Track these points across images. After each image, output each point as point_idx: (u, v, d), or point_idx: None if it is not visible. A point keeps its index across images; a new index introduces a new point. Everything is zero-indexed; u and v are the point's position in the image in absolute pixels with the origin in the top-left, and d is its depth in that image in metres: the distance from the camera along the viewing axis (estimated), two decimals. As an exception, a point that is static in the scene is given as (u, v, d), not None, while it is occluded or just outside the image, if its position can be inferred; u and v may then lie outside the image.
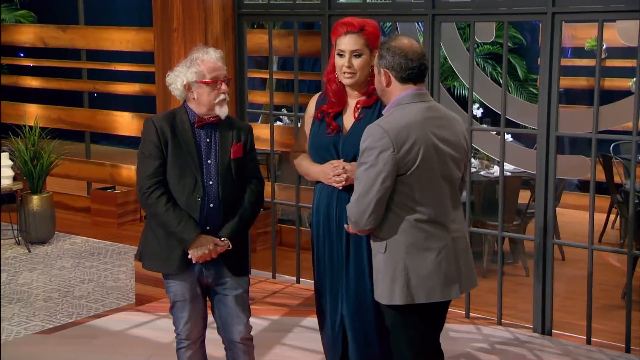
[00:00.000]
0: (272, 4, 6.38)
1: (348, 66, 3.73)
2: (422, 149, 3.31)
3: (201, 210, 3.78)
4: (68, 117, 9.33)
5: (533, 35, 11.36)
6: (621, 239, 7.74)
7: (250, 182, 3.90)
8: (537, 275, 5.39)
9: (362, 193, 3.31)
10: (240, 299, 3.90)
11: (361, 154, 3.35)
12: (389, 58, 3.38)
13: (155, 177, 3.77)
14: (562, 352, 5.12)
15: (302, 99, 6.34)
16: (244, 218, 3.84)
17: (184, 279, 3.85)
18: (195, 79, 3.77)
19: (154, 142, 3.78)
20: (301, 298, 6.03)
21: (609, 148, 8.57)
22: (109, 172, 9.15)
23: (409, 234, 3.35)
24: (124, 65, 9.54)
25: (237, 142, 3.84)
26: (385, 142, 3.26)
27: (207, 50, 3.83)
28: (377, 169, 3.27)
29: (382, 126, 3.30)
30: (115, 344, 5.27)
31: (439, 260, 3.37)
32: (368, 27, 3.74)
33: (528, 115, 6.21)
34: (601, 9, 4.99)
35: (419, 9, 5.60)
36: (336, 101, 3.85)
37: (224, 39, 6.26)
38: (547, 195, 5.27)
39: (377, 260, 3.44)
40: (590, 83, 9.82)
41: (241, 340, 3.94)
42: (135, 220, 8.91)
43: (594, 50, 9.91)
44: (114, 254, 7.70)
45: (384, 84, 3.44)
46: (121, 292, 6.63)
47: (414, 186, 3.33)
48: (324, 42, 5.97)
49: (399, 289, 3.34)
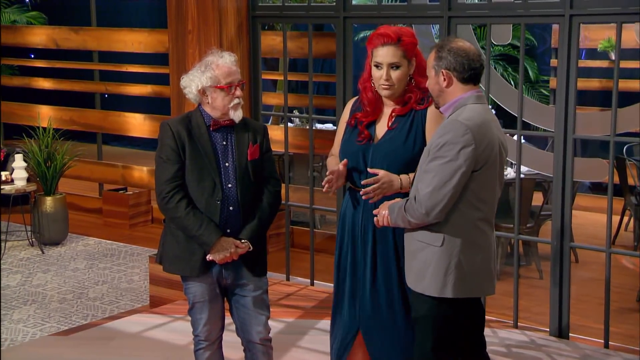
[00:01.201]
0: (287, 6, 6.38)
1: (386, 79, 3.69)
2: (493, 148, 3.40)
3: (221, 213, 3.78)
4: (80, 119, 9.35)
5: (543, 37, 11.34)
6: (635, 241, 7.72)
7: (267, 183, 3.91)
8: (553, 278, 5.38)
9: (437, 186, 3.33)
10: (259, 299, 3.91)
11: (437, 147, 3.34)
12: (451, 59, 3.40)
13: (174, 181, 3.78)
14: (580, 356, 5.10)
15: (315, 100, 6.34)
16: (262, 219, 3.86)
17: (204, 281, 3.87)
18: (210, 83, 3.77)
19: (171, 146, 3.78)
20: (316, 300, 6.03)
21: (621, 150, 8.55)
22: (121, 173, 9.16)
23: (468, 231, 3.42)
24: (136, 66, 9.54)
25: (254, 143, 3.86)
26: (467, 139, 3.31)
27: (222, 54, 3.82)
28: (456, 164, 3.31)
29: (464, 122, 3.33)
30: (131, 346, 5.28)
31: (487, 258, 3.49)
32: (405, 37, 3.69)
33: (542, 116, 6.19)
34: (619, 11, 4.98)
35: (435, 11, 5.60)
36: (371, 110, 3.82)
37: (238, 41, 6.26)
38: (564, 198, 5.26)
39: (427, 252, 3.45)
40: (603, 84, 9.80)
41: (260, 341, 3.94)
42: (147, 221, 8.92)
43: (606, 51, 9.89)
44: (127, 256, 7.70)
45: (443, 85, 3.45)
46: (135, 293, 6.63)
47: (480, 184, 3.40)
48: (339, 43, 5.96)
49: (451, 282, 3.41)
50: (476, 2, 5.56)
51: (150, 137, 8.99)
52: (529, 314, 5.91)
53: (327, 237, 7.54)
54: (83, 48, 9.42)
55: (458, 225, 3.41)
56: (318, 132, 7.74)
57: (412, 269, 3.53)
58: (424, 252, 3.46)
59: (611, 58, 10.05)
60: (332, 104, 9.29)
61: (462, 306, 3.49)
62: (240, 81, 3.81)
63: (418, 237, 3.48)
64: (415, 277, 3.50)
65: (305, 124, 9.48)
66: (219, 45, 6.11)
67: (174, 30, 6.34)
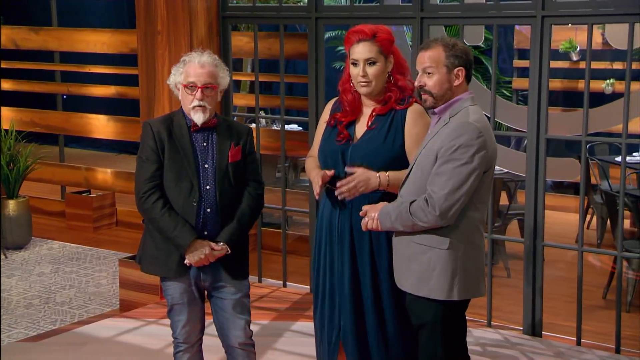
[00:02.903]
0: (258, 6, 6.34)
1: (362, 75, 3.67)
2: (496, 151, 3.45)
3: (197, 214, 3.74)
4: (41, 120, 9.19)
5: (504, 37, 11.44)
6: (598, 239, 7.83)
7: (249, 186, 3.86)
8: (526, 277, 5.42)
9: (453, 189, 3.31)
10: (239, 303, 3.86)
11: (451, 150, 3.32)
12: (465, 57, 3.43)
13: (151, 181, 3.74)
14: (554, 353, 5.15)
15: (275, 101, 6.34)
16: (242, 222, 3.79)
17: (182, 282, 3.82)
18: (180, 80, 3.76)
19: (150, 146, 3.75)
20: (289, 302, 6.01)
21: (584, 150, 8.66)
22: (84, 175, 9.03)
23: (470, 232, 3.43)
24: (99, 67, 9.41)
25: (236, 145, 3.81)
26: (481, 142, 3.32)
27: (204, 53, 3.77)
28: (471, 167, 3.31)
29: (476, 125, 3.33)
30: (105, 351, 5.20)
31: (482, 258, 3.52)
32: (381, 33, 3.68)
33: (512, 116, 6.25)
34: (590, 13, 5.04)
35: (407, 12, 5.61)
36: (350, 111, 3.80)
37: (208, 41, 6.21)
38: (537, 197, 5.30)
39: (431, 255, 3.42)
40: (564, 85, 9.94)
41: (239, 345, 3.90)
42: (111, 224, 8.80)
43: (567, 52, 10.03)
44: (93, 259, 7.59)
45: (454, 83, 3.44)
46: (104, 297, 6.53)
47: (484, 186, 3.42)
48: (311, 44, 5.95)
49: (457, 285, 3.40)
50: (449, 3, 5.57)
51: (114, 138, 8.88)
52: (500, 312, 5.95)
53: (297, 239, 7.52)
54: (44, 48, 9.26)
55: (463, 227, 3.41)
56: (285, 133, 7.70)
57: (411, 273, 3.48)
58: (427, 255, 3.43)
59: (572, 59, 10.20)
60: (296, 105, 9.30)
61: (463, 308, 3.51)
62: (206, 84, 3.70)
63: (419, 240, 3.44)
64: (417, 280, 3.46)
65: (271, 124, 9.46)
66: (189, 46, 6.06)
67: (142, 31, 6.26)
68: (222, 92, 3.85)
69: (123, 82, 9.36)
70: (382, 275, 3.72)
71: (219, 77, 3.75)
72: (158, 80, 6.23)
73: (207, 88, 3.70)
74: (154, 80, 6.26)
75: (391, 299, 3.73)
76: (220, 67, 3.78)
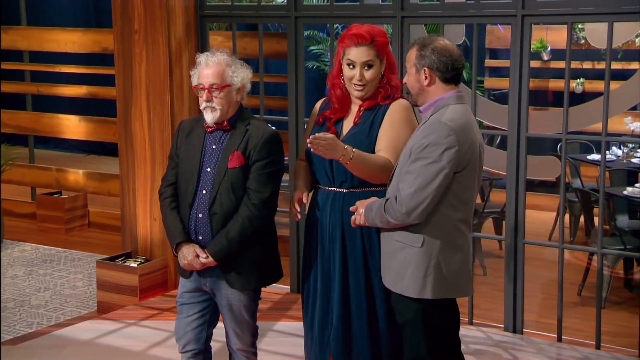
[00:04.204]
0: (237, 5, 6.30)
1: (359, 79, 3.66)
2: (475, 149, 3.40)
3: (190, 218, 3.71)
4: (11, 121, 9.04)
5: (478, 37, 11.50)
6: (571, 236, 7.91)
7: (248, 195, 3.67)
8: (508, 275, 5.46)
9: (419, 187, 3.31)
10: (236, 312, 3.79)
11: (420, 148, 3.32)
12: (434, 58, 3.39)
13: (168, 179, 3.83)
14: (536, 350, 5.20)
15: (255, 100, 6.32)
16: (230, 233, 3.63)
17: (187, 283, 3.81)
18: (195, 82, 3.76)
19: (173, 145, 3.85)
20: (270, 302, 5.98)
21: (555, 148, 8.76)
22: (55, 176, 8.90)
23: (447, 231, 3.41)
24: (70, 67, 9.29)
25: (241, 150, 3.66)
26: (451, 140, 3.29)
27: (215, 52, 3.72)
28: (439, 166, 3.30)
29: (447, 124, 3.32)
30: (86, 353, 5.14)
31: (466, 258, 3.49)
32: (378, 37, 3.67)
33: (492, 114, 6.26)
34: (570, 12, 5.09)
35: (388, 11, 5.61)
36: (339, 107, 3.79)
37: (186, 40, 6.16)
38: (518, 195, 5.34)
39: (406, 253, 3.43)
40: (536, 84, 10.02)
41: (237, 350, 3.91)
42: (83, 225, 8.69)
43: (538, 52, 10.12)
44: (67, 261, 7.50)
45: (424, 84, 3.44)
46: (80, 300, 6.45)
47: (461, 186, 3.39)
48: (291, 44, 5.93)
49: (430, 283, 3.39)
50: (429, 2, 5.58)
51: (86, 139, 8.78)
52: (478, 310, 5.98)
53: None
54: (13, 48, 9.11)
55: (438, 226, 3.40)
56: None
57: (391, 269, 3.50)
58: (403, 252, 3.45)
59: (543, 58, 10.30)
60: (272, 105, 9.26)
61: (446, 307, 3.50)
62: (211, 85, 3.64)
63: (397, 237, 3.46)
64: (394, 277, 3.49)
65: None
66: (168, 45, 6.01)
67: (119, 30, 6.19)
68: (241, 90, 3.73)
69: (94, 81, 9.26)
70: (374, 273, 3.72)
71: (228, 76, 3.66)
72: (135, 80, 6.16)
73: (213, 89, 3.65)
74: (130, 80, 6.18)
75: (383, 298, 3.72)
76: (233, 66, 3.69)
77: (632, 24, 5.86)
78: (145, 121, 6.16)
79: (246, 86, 3.76)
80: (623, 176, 7.60)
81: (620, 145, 8.19)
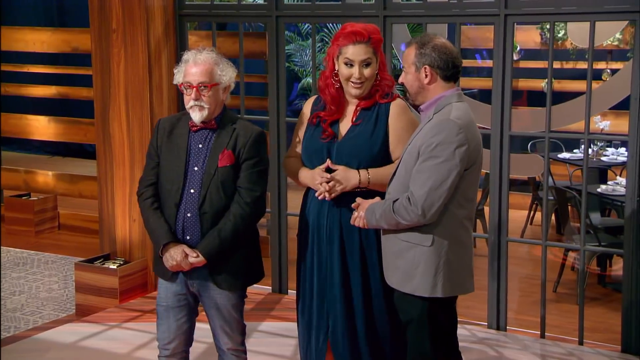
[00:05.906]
0: (216, 4, 6.25)
1: (358, 77, 3.64)
2: (480, 147, 3.43)
3: (177, 218, 3.64)
4: (-23, 122, 8.89)
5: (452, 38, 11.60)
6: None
7: (239, 193, 3.63)
8: (491, 272, 5.50)
9: (433, 186, 3.30)
10: (225, 312, 3.74)
11: (430, 147, 3.31)
12: (435, 56, 3.39)
13: (147, 179, 3.73)
14: (521, 347, 5.24)
15: (236, 100, 6.29)
16: (222, 231, 3.59)
17: (172, 286, 3.73)
18: (180, 80, 3.68)
19: (152, 143, 3.75)
20: (253, 302, 5.95)
21: (526, 146, 8.86)
22: (23, 178, 8.77)
23: (455, 229, 3.42)
24: (39, 67, 9.16)
25: (231, 149, 3.63)
26: (461, 138, 3.30)
27: (202, 50, 3.67)
28: (452, 164, 3.29)
29: (456, 122, 3.32)
30: (70, 357, 5.06)
31: (470, 255, 3.52)
32: (374, 34, 3.67)
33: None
34: (553, 11, 5.14)
35: (370, 11, 5.61)
36: (335, 109, 3.76)
37: (165, 40, 6.10)
38: (501, 194, 5.38)
39: (415, 252, 3.42)
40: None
41: (227, 350, 3.85)
42: (53, 228, 8.56)
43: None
44: (40, 264, 7.38)
45: (424, 82, 3.43)
46: (57, 302, 6.35)
47: (468, 183, 3.40)
48: (272, 43, 5.90)
49: (441, 282, 3.40)
50: (412, 1, 5.60)
51: (56, 140, 8.66)
52: (459, 308, 5.99)
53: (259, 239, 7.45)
54: (-22, 48, 8.96)
55: (447, 224, 3.40)
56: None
57: (398, 270, 3.49)
58: (411, 252, 3.43)
59: (513, 58, 10.38)
60: (251, 105, 9.20)
61: (449, 304, 3.52)
62: (200, 83, 3.59)
63: (404, 237, 3.44)
64: (402, 277, 3.47)
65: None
66: (147, 44, 5.94)
67: (96, 29, 6.10)
68: (228, 89, 3.71)
69: (63, 81, 9.14)
70: (372, 273, 3.72)
71: (217, 75, 3.61)
72: (113, 80, 6.08)
73: (202, 87, 3.59)
74: (108, 80, 6.10)
75: (381, 297, 3.72)
76: (220, 64, 3.64)
77: (614, 23, 5.96)
78: (124, 121, 6.09)
79: (231, 85, 3.74)
80: (595, 174, 7.71)
81: (591, 143, 8.31)
